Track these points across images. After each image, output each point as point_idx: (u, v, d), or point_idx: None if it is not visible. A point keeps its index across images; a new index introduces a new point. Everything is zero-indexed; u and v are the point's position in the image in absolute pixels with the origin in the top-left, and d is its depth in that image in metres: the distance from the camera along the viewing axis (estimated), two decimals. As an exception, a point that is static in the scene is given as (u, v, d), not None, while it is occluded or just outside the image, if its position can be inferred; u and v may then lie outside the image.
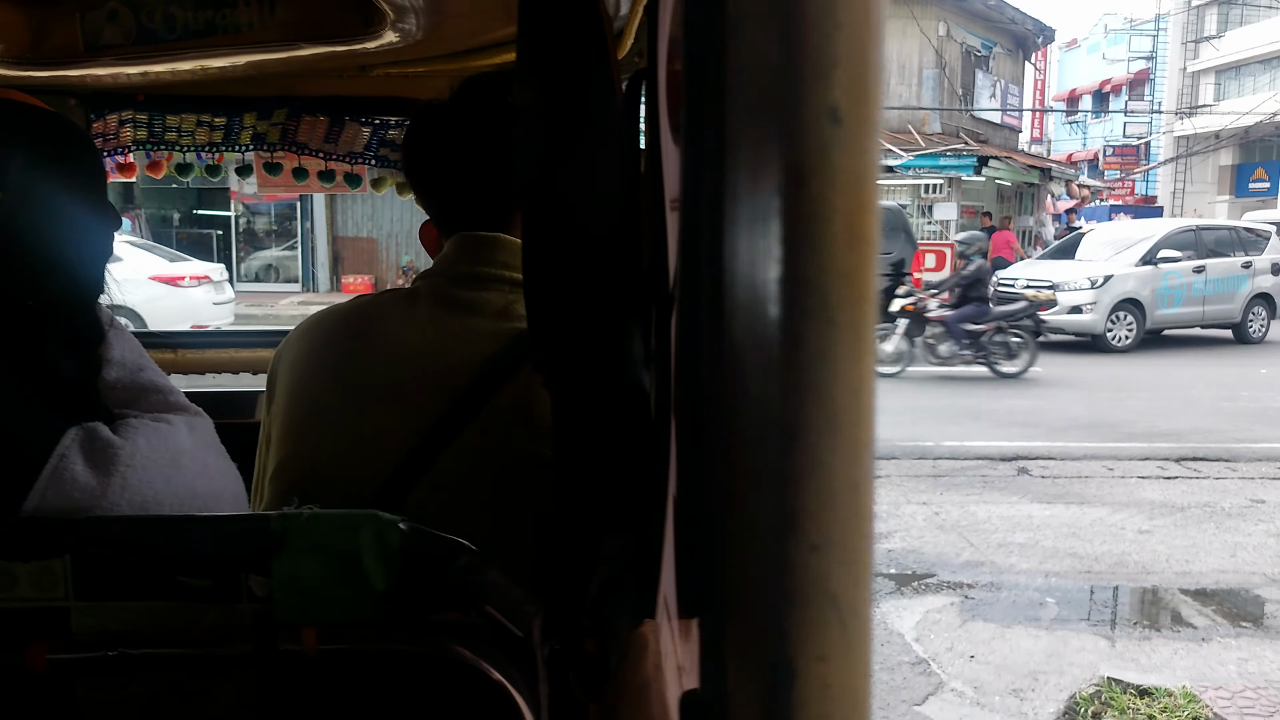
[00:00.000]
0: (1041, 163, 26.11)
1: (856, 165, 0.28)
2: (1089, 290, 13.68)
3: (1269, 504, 6.29)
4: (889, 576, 4.97)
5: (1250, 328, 15.00)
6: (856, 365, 0.29)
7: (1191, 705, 3.49)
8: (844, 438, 0.31)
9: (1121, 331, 13.83)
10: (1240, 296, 14.81)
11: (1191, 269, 14.33)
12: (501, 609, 0.73)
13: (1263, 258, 15.09)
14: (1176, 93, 40.25)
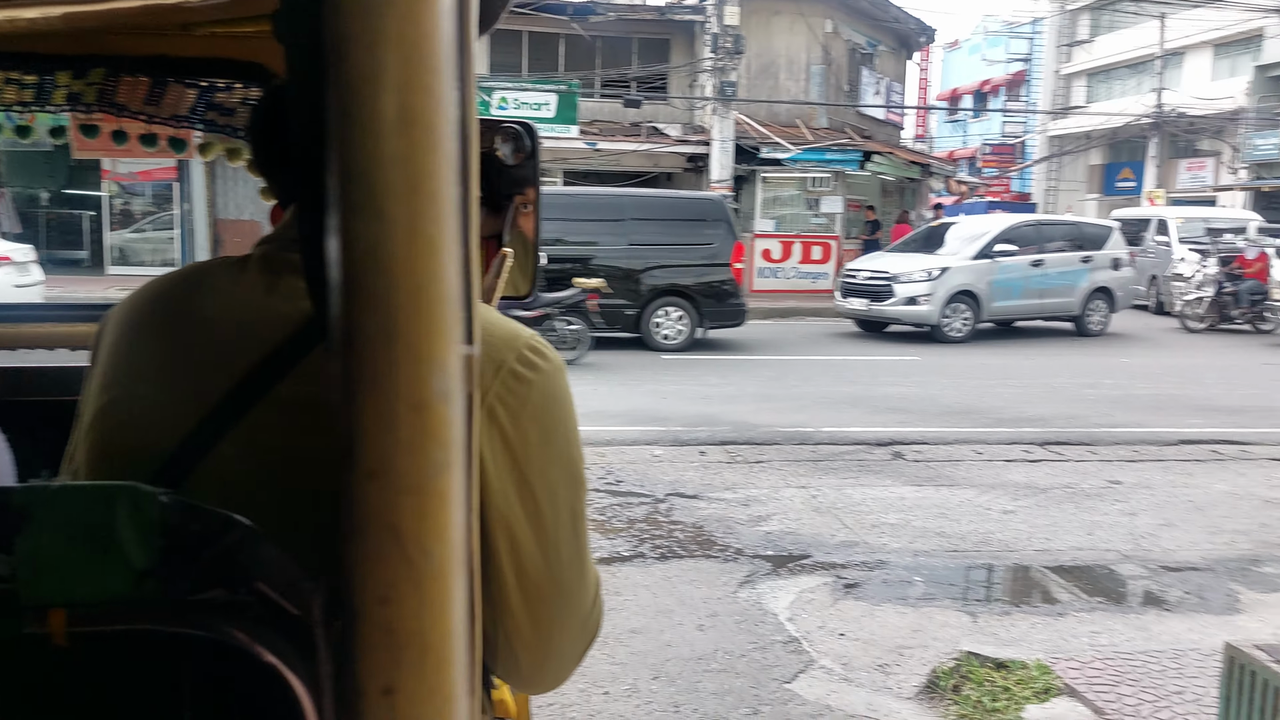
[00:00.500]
0: (923, 159, 26.91)
1: (410, 32, 0.25)
2: (925, 282, 14.02)
3: (1125, 485, 6.63)
4: (766, 558, 5.05)
5: (1089, 320, 15.50)
6: (416, 266, 0.26)
7: (1044, 677, 3.65)
8: (404, 349, 0.28)
9: (957, 322, 14.19)
10: (1080, 290, 15.30)
11: (1029, 263, 14.77)
12: (276, 586, 0.69)
13: (1102, 253, 15.62)
14: (1050, 94, 42.03)
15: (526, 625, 0.92)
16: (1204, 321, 16.80)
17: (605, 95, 21.69)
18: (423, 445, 0.28)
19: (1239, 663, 2.34)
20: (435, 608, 0.29)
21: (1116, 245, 16.01)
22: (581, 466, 0.97)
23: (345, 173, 0.25)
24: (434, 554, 0.29)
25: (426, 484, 0.28)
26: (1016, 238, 14.92)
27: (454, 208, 0.26)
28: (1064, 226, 16.34)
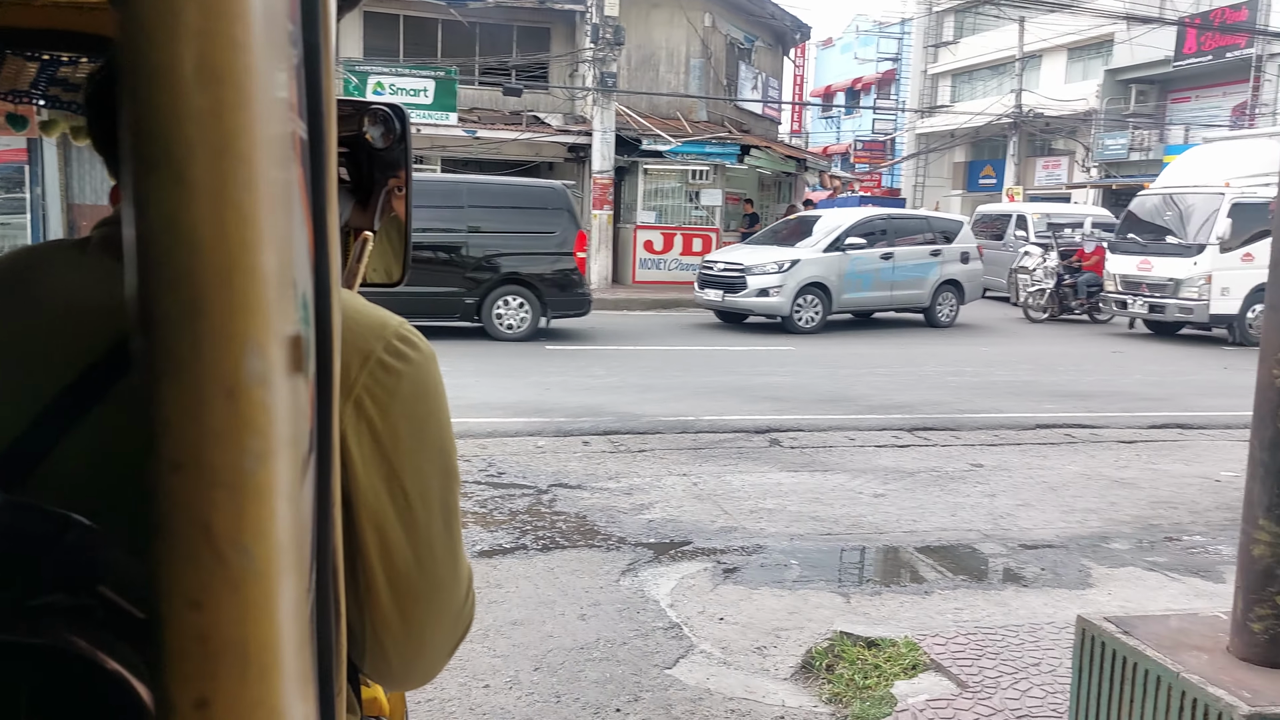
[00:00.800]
0: (799, 154, 27.52)
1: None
2: (776, 274, 14.24)
3: (986, 467, 6.95)
4: (648, 546, 5.09)
5: (939, 312, 15.99)
6: (224, 237, 0.24)
7: (912, 653, 3.80)
8: (211, 328, 0.25)
9: (809, 314, 14.49)
10: (929, 283, 15.76)
11: (879, 255, 15.16)
12: (121, 590, 0.65)
13: (952, 247, 16.09)
14: (918, 93, 43.58)
15: (398, 623, 0.90)
16: (1045, 312, 17.59)
17: (485, 83, 21.40)
18: (236, 434, 0.25)
19: (1090, 634, 2.48)
20: (257, 612, 0.27)
21: (965, 239, 16.51)
22: (454, 458, 0.95)
23: (138, 130, 0.23)
24: (254, 553, 0.26)
25: (242, 477, 0.26)
26: (868, 231, 15.27)
27: (275, 175, 0.24)
28: (915, 220, 16.79)
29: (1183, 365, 12.41)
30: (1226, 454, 7.50)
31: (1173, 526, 5.76)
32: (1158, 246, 15.09)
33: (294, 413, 0.29)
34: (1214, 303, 14.36)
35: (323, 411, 0.67)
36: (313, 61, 0.64)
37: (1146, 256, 15.14)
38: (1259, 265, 14.10)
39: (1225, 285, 14.31)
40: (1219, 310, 14.42)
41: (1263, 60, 28.06)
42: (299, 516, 0.31)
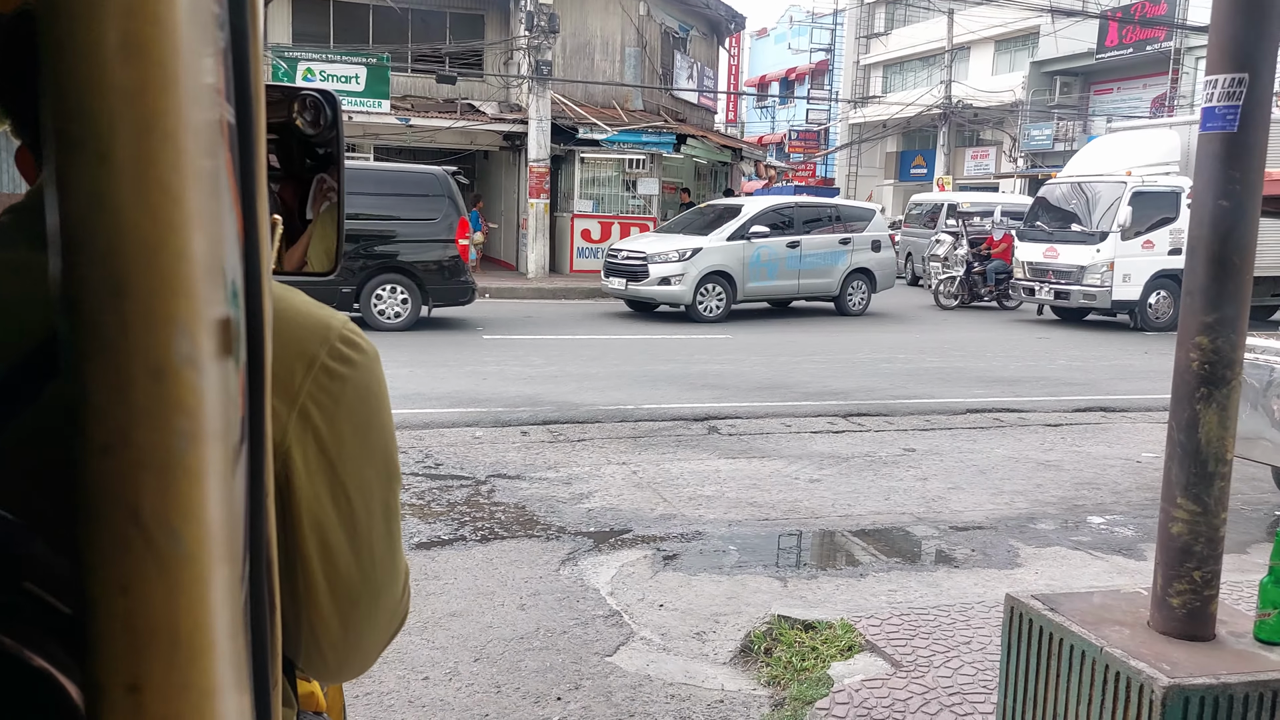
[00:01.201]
0: (735, 143, 27.67)
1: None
2: (677, 262, 14.18)
3: (918, 452, 7.09)
4: (588, 535, 5.10)
5: (850, 300, 15.97)
6: (150, 215, 0.24)
7: (848, 635, 3.86)
8: (137, 308, 0.25)
9: (712, 302, 14.43)
10: (838, 271, 15.72)
11: (786, 244, 15.06)
12: (47, 585, 0.63)
13: (863, 235, 16.04)
14: (851, 84, 44.10)
15: (335, 624, 0.89)
16: (956, 299, 17.83)
17: (418, 70, 21.11)
18: (165, 415, 0.25)
19: (1018, 612, 2.55)
20: (187, 596, 0.26)
21: (878, 228, 16.56)
22: (396, 459, 0.95)
23: (61, 106, 0.22)
24: (183, 536, 0.26)
25: (171, 459, 0.25)
26: (775, 220, 15.23)
27: (202, 157, 0.24)
28: (824, 209, 16.60)
29: (1105, 350, 12.78)
30: (1147, 436, 7.76)
31: (1096, 507, 5.94)
32: (1063, 234, 15.38)
33: (224, 398, 0.29)
34: (1116, 289, 14.67)
35: (254, 401, 0.66)
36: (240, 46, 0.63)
37: (1052, 244, 15.43)
38: (1159, 252, 14.70)
39: (1127, 272, 14.66)
40: (1121, 296, 14.74)
41: (1181, 53, 28.97)
42: (231, 504, 0.31)
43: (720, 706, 3.40)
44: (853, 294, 16.07)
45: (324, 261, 1.45)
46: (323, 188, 1.35)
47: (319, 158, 1.30)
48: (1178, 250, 14.60)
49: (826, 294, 15.94)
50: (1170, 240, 14.75)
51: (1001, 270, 17.62)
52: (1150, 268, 14.70)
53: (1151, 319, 14.91)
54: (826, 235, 15.71)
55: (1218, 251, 2.22)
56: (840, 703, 3.24)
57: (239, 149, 0.64)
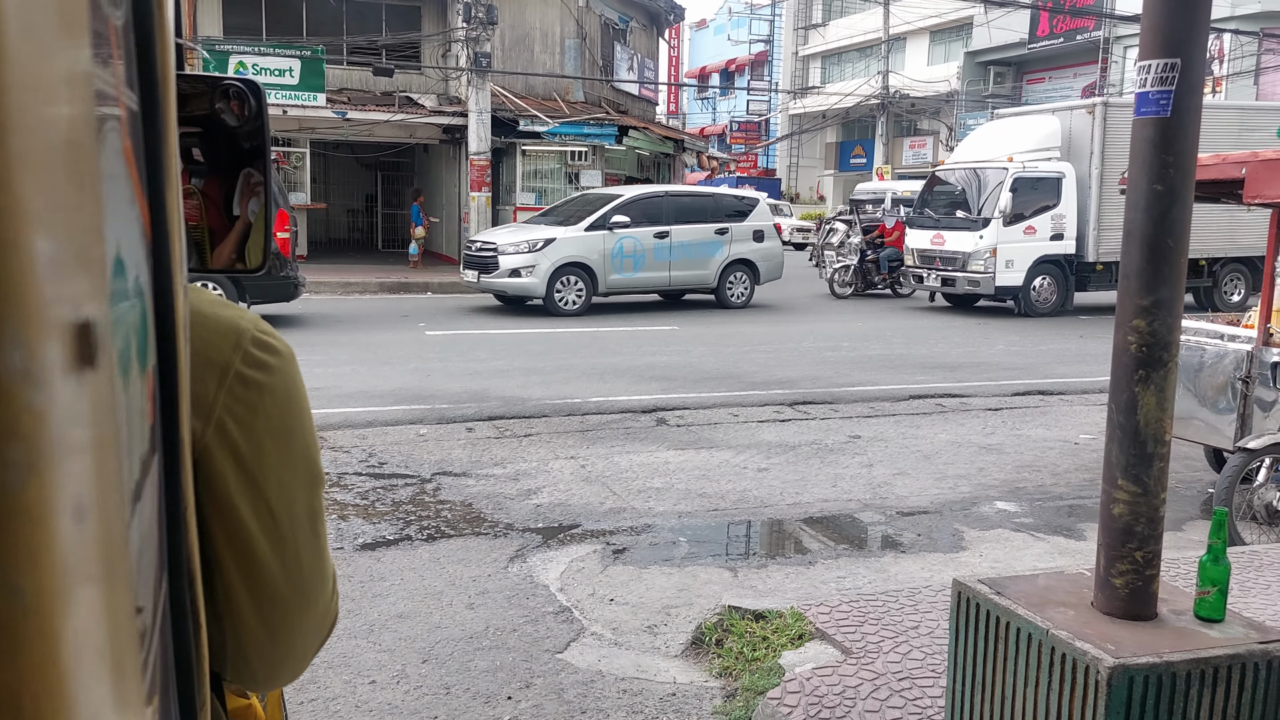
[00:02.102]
0: (677, 134, 27.67)
1: None
2: (528, 254, 13.65)
3: (864, 439, 7.15)
4: (536, 531, 5.06)
5: (730, 293, 15.35)
6: None
7: (798, 623, 3.88)
8: None
9: (571, 295, 13.89)
10: (715, 262, 15.15)
11: (653, 234, 14.48)
12: None
13: (743, 225, 15.45)
14: (790, 75, 44.40)
15: (263, 635, 0.85)
16: (850, 287, 17.63)
17: (354, 63, 20.76)
18: None
19: (965, 596, 2.57)
20: (31, 658, 0.22)
21: (761, 218, 15.91)
22: (319, 461, 0.91)
23: None
24: (24, 589, 0.22)
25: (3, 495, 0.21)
26: (643, 210, 14.63)
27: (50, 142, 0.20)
28: (700, 198, 15.94)
29: (1041, 335, 13.03)
30: (1084, 418, 7.93)
31: (1037, 489, 6.04)
32: (949, 221, 15.37)
33: (91, 412, 0.25)
34: (999, 275, 14.65)
35: (168, 407, 0.62)
36: (143, 26, 0.58)
37: (939, 231, 15.43)
38: (1041, 238, 14.73)
39: (1009, 258, 14.65)
40: (1004, 283, 14.72)
41: (1110, 42, 29.63)
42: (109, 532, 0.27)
43: (673, 700, 3.39)
44: (733, 286, 15.47)
45: (257, 257, 1.40)
46: (250, 182, 1.29)
47: (245, 151, 1.25)
48: (1059, 236, 14.82)
49: (702, 286, 15.34)
50: (1052, 226, 14.84)
51: (894, 258, 17.45)
52: (1033, 253, 14.75)
53: (1035, 304, 14.91)
54: (700, 226, 15.11)
55: (1153, 236, 2.25)
56: (791, 691, 3.25)
57: (144, 137, 0.59)
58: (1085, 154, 14.96)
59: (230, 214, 1.28)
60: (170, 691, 0.56)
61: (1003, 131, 16.19)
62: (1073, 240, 14.94)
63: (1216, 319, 6.32)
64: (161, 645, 0.51)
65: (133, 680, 0.35)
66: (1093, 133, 14.86)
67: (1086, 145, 14.94)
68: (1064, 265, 15.00)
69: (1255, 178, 4.88)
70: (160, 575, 0.53)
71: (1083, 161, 14.98)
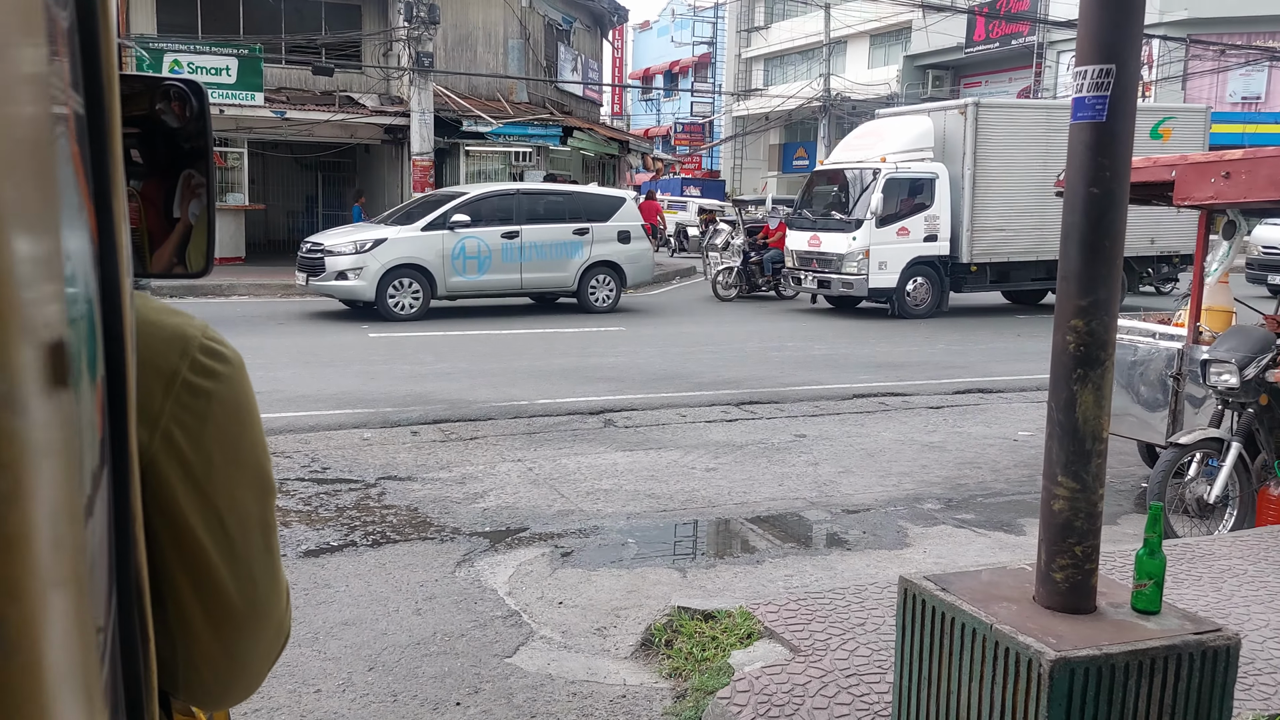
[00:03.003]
0: (621, 135, 27.72)
1: None
2: (354, 255, 12.97)
3: (809, 437, 7.22)
4: (484, 534, 5.02)
5: (593, 296, 14.66)
6: None
7: (747, 622, 3.90)
8: None
9: (406, 299, 13.21)
10: (574, 264, 14.42)
11: (501, 235, 13.78)
12: None
13: (606, 225, 14.71)
14: (733, 77, 44.70)
15: (218, 651, 0.83)
16: (734, 289, 17.19)
17: (292, 62, 20.44)
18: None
19: (911, 593, 2.61)
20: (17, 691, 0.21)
21: (627, 217, 15.07)
22: (270, 472, 0.89)
23: None
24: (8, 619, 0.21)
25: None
26: (489, 208, 13.95)
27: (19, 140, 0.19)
28: (557, 197, 15.04)
29: (980, 334, 13.28)
30: (1022, 415, 8.09)
31: (978, 485, 6.16)
32: (824, 222, 15.18)
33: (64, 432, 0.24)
34: (872, 277, 14.43)
35: (117, 420, 0.60)
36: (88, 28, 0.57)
37: (815, 232, 15.21)
38: (914, 239, 14.57)
39: (883, 259, 14.44)
40: (877, 284, 14.50)
41: (1044, 47, 30.31)
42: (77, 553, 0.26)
43: (623, 702, 3.39)
44: (596, 289, 14.71)
45: (198, 261, 1.37)
46: (190, 184, 1.27)
47: (185, 152, 1.22)
48: (933, 237, 14.69)
49: (561, 289, 14.63)
50: (926, 227, 14.68)
51: (778, 259, 17.06)
52: (906, 255, 14.58)
53: (910, 306, 14.72)
54: (556, 225, 14.33)
55: (1090, 237, 2.30)
56: (741, 691, 3.26)
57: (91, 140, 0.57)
58: (959, 155, 14.87)
59: (170, 216, 1.25)
60: (120, 712, 0.54)
61: (878, 132, 15.96)
62: (947, 241, 14.81)
63: (1149, 318, 6.50)
64: (111, 665, 0.50)
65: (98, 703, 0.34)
66: (965, 133, 14.77)
67: (959, 146, 14.86)
68: (938, 267, 14.88)
69: (1185, 180, 5.03)
70: (110, 592, 0.52)
71: (956, 162, 14.87)
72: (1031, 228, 15.13)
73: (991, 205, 14.97)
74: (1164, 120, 16.06)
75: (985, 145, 14.80)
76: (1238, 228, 5.79)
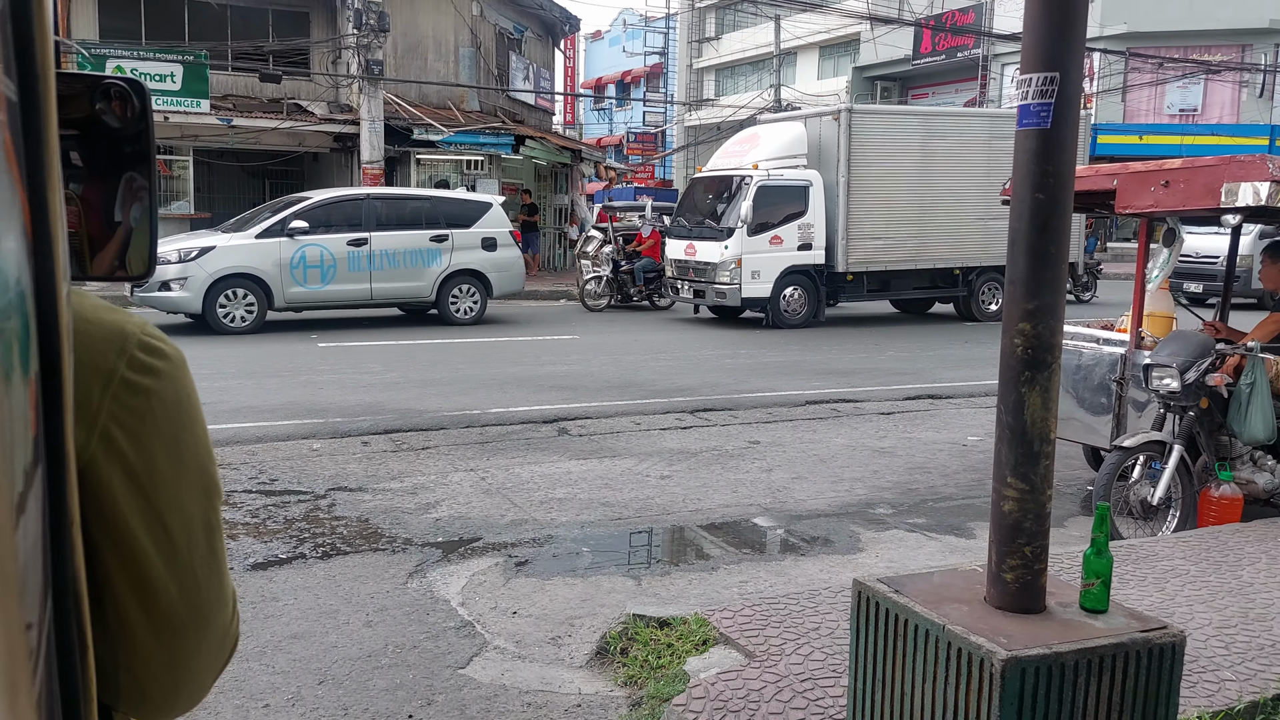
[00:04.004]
0: (574, 145, 27.71)
1: None
2: (177, 264, 12.13)
3: (762, 444, 7.26)
4: (436, 545, 4.96)
5: (454, 307, 13.92)
6: None
7: (702, 629, 3.89)
8: None
9: (239, 311, 12.45)
10: (432, 273, 13.67)
11: (346, 242, 13.00)
12: None
13: (469, 232, 14.00)
14: (685, 87, 44.94)
15: (159, 658, 0.81)
16: (604, 299, 16.50)
17: (239, 69, 20.14)
18: None
19: (866, 596, 2.62)
20: None
21: (493, 224, 14.27)
22: (215, 472, 0.86)
23: None
24: None
25: None
26: (334, 215, 13.17)
27: None
28: (413, 201, 14.21)
29: (929, 340, 13.46)
30: (970, 420, 8.21)
31: (928, 490, 6.23)
32: (699, 230, 14.80)
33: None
34: (745, 286, 14.05)
35: (52, 416, 0.58)
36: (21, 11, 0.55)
37: (691, 240, 14.83)
38: (788, 248, 14.24)
39: (755, 269, 14.10)
40: (751, 294, 14.14)
41: (989, 60, 30.89)
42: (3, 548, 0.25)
43: (578, 711, 3.37)
44: (458, 299, 13.96)
45: (140, 265, 1.34)
46: (132, 186, 1.24)
47: (127, 155, 1.19)
48: (808, 245, 14.39)
49: (418, 299, 13.83)
50: (800, 235, 14.34)
51: (650, 268, 16.55)
52: (780, 264, 14.23)
53: (785, 316, 14.32)
54: (411, 232, 13.58)
55: (1035, 243, 2.34)
56: (697, 697, 3.26)
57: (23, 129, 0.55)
58: (834, 162, 14.56)
59: (111, 220, 1.22)
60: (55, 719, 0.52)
61: (753, 138, 15.61)
62: (822, 250, 14.52)
63: (1092, 324, 6.63)
64: (47, 671, 0.48)
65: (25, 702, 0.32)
66: (839, 140, 14.48)
67: (834, 153, 14.57)
68: (814, 276, 14.55)
69: (1125, 189, 5.15)
70: (45, 595, 0.50)
71: (830, 170, 14.56)
72: (910, 237, 14.99)
73: (868, 214, 14.73)
74: None
75: (861, 152, 14.55)
76: (1177, 235, 5.94)
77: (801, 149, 14.82)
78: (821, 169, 14.62)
